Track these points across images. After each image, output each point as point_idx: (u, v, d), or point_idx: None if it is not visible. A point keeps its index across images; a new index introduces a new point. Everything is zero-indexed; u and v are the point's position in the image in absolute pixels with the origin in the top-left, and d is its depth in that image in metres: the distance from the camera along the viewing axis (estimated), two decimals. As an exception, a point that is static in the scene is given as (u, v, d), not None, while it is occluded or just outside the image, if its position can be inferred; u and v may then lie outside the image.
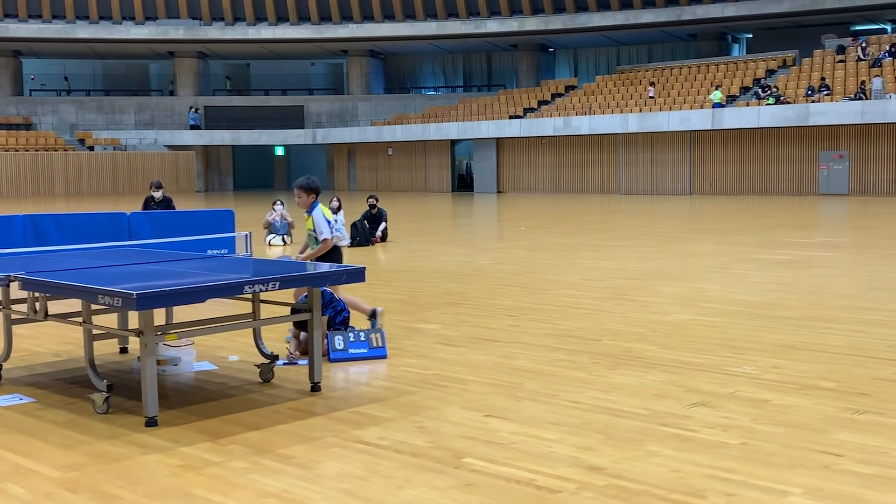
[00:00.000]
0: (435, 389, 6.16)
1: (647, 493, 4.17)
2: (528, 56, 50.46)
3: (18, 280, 5.83)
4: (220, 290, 5.78)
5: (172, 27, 49.37)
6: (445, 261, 14.23)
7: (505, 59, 52.95)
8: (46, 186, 43.08)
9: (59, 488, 4.38)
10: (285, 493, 4.26)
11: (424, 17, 49.13)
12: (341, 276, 6.35)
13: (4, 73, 50.02)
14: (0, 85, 49.98)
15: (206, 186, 50.72)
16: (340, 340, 7.18)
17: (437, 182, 46.39)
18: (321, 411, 5.71)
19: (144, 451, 4.94)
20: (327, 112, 52.12)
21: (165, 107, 51.82)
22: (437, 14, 48.92)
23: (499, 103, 46.48)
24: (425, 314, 9.27)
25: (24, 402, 6.01)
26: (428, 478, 4.41)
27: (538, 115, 43.51)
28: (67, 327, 7.92)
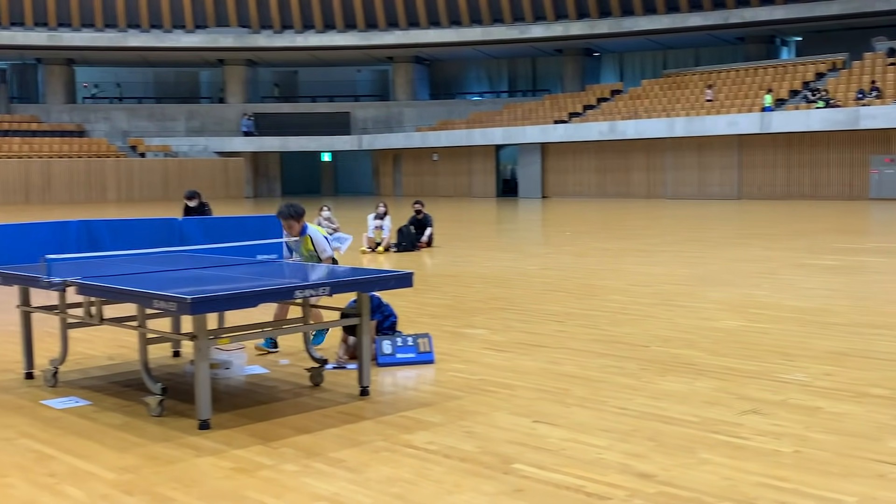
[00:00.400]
0: (482, 395, 6.18)
1: (699, 500, 4.15)
2: (573, 60, 50.30)
3: (75, 285, 5.95)
4: (271, 295, 5.85)
5: (222, 35, 50.00)
6: (491, 266, 14.24)
7: (550, 64, 52.83)
8: (99, 192, 43.82)
9: (115, 490, 4.46)
10: (336, 496, 4.30)
11: (470, 22, 49.21)
12: (389, 282, 6.39)
13: (58, 81, 50.98)
14: (54, 93, 50.94)
15: (255, 192, 51.26)
16: (388, 345, 7.23)
17: (482, 187, 46.40)
18: (370, 415, 5.75)
19: (198, 453, 5.02)
20: (373, 118, 52.41)
21: (215, 114, 52.49)
22: (483, 20, 48.97)
23: (544, 108, 46.38)
24: (472, 319, 9.29)
25: (80, 404, 6.13)
26: (477, 483, 4.43)
27: (583, 119, 43.35)
28: (120, 331, 8.05)
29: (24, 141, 45.30)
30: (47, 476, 4.68)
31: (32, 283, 6.35)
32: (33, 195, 42.13)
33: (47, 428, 5.58)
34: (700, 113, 39.13)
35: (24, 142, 45.16)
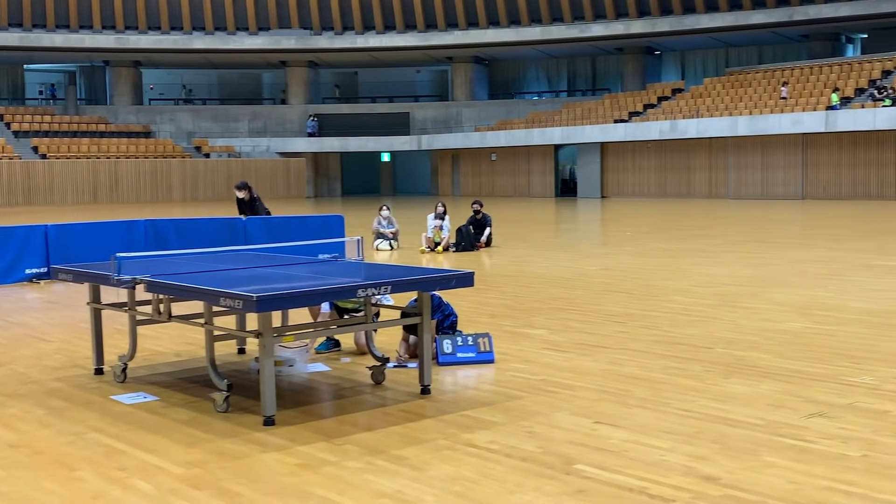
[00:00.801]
0: (543, 395, 6.18)
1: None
2: (633, 59, 49.87)
3: (144, 283, 6.08)
4: (335, 293, 5.92)
5: (284, 37, 50.59)
6: (550, 266, 14.19)
7: (610, 63, 52.45)
8: (165, 192, 44.64)
9: (183, 484, 4.55)
10: (399, 493, 4.34)
11: (529, 22, 49.08)
12: (451, 281, 6.41)
13: (125, 83, 52.04)
14: (121, 94, 52.02)
15: (316, 192, 51.77)
16: (449, 344, 7.25)
17: (541, 187, 46.26)
18: (431, 414, 5.78)
19: (263, 449, 5.10)
20: (432, 118, 52.58)
21: (277, 115, 53.13)
22: (542, 19, 48.81)
23: (603, 107, 46.07)
24: (531, 319, 9.28)
25: (148, 400, 6.27)
26: (539, 483, 4.43)
27: (644, 118, 42.96)
28: (187, 328, 8.21)
29: (93, 141, 46.33)
30: (117, 470, 4.79)
31: (103, 280, 6.50)
32: (101, 195, 43.09)
33: (117, 423, 5.71)
34: (764, 111, 38.52)
35: (92, 142, 46.20)
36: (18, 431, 5.55)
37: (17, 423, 5.72)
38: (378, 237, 17.91)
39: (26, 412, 5.99)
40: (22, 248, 12.96)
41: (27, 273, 12.98)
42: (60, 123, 47.66)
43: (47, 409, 6.05)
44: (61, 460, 4.97)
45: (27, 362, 7.58)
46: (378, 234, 17.94)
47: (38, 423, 5.72)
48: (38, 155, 44.02)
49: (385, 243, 17.76)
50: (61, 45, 48.31)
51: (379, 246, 17.66)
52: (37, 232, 13.21)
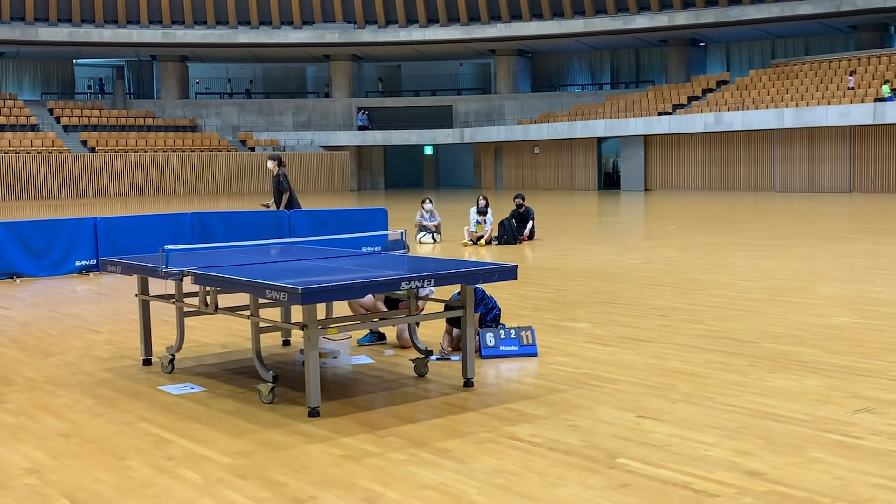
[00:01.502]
0: (586, 388, 6.17)
1: (811, 500, 4.07)
2: (677, 51, 49.40)
3: (191, 275, 6.17)
4: (378, 286, 5.96)
5: (328, 31, 50.85)
6: (593, 259, 14.14)
7: (654, 55, 52.02)
8: (210, 185, 45.12)
9: (230, 474, 4.62)
10: (442, 485, 4.37)
11: (572, 14, 48.83)
12: (494, 274, 6.42)
13: (172, 77, 52.66)
14: (168, 88, 52.66)
15: (359, 186, 52.00)
16: (492, 337, 7.27)
17: (584, 180, 46.03)
18: (474, 407, 5.80)
19: (308, 440, 5.15)
20: (475, 111, 52.54)
21: (321, 108, 53.44)
22: (585, 11, 48.53)
23: (647, 100, 45.71)
24: (574, 313, 9.25)
25: (195, 390, 6.36)
26: (582, 477, 4.43)
27: (688, 111, 42.55)
28: (233, 319, 8.32)
29: (140, 135, 46.96)
30: (165, 459, 4.87)
31: (151, 272, 6.61)
32: (148, 188, 43.66)
33: (164, 413, 5.80)
34: (811, 104, 37.96)
35: (140, 136, 46.83)
36: (69, 421, 5.67)
37: (68, 413, 5.84)
38: (421, 230, 17.96)
39: (77, 402, 6.11)
40: (72, 240, 13.21)
41: (77, 265, 13.22)
42: (109, 117, 48.36)
43: (97, 399, 6.17)
44: (111, 449, 5.07)
45: (77, 353, 7.73)
46: (421, 227, 17.99)
47: (89, 413, 5.83)
48: (87, 148, 44.72)
49: (428, 236, 17.81)
50: (109, 39, 48.99)
51: (422, 239, 17.71)
52: (86, 225, 13.44)
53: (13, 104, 46.68)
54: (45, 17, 48.04)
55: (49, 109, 48.14)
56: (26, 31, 47.18)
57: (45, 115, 47.29)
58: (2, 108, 45.77)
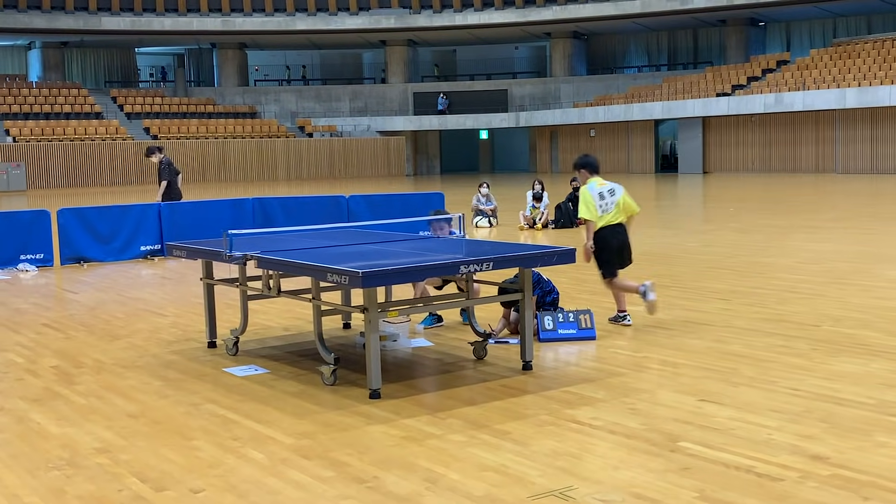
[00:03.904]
0: (646, 372, 6.15)
1: (875, 484, 4.03)
2: (736, 31, 48.54)
3: (255, 259, 6.27)
4: (437, 269, 6.01)
5: (384, 16, 50.97)
6: (651, 243, 14.02)
7: (712, 35, 51.17)
8: (270, 171, 45.61)
9: (294, 454, 4.71)
10: (503, 467, 4.40)
11: (629, -5, 48.23)
12: (552, 257, 6.42)
13: (231, 64, 53.27)
14: (228, 76, 53.28)
15: (415, 170, 52.15)
16: (550, 321, 7.28)
17: (640, 163, 45.58)
18: (533, 389, 5.83)
19: (369, 421, 5.23)
20: (530, 95, 52.29)
21: (378, 94, 53.64)
22: (642, -9, 47.90)
23: (705, 81, 45.02)
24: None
25: (259, 372, 6.48)
26: (643, 460, 4.44)
27: (747, 91, 41.83)
28: (294, 303, 8.44)
29: (201, 122, 47.62)
30: (231, 440, 4.98)
31: (215, 257, 6.74)
32: (209, 174, 44.28)
33: (230, 394, 5.93)
34: (874, 83, 37.06)
35: (200, 123, 47.49)
36: (138, 402, 5.82)
37: (137, 394, 6.00)
38: (477, 214, 17.97)
39: (145, 383, 6.27)
40: (137, 225, 13.50)
41: (142, 250, 13.51)
42: (170, 105, 49.12)
43: (164, 381, 6.32)
44: (178, 430, 5.20)
45: (144, 336, 7.92)
46: (477, 211, 18.01)
47: (156, 394, 5.98)
48: (149, 136, 45.46)
49: (484, 220, 17.82)
50: (170, 28, 49.70)
51: (478, 223, 17.73)
52: (151, 210, 13.72)
53: (78, 93, 47.63)
54: (107, 7, 48.86)
55: (112, 97, 49.02)
56: (90, 20, 48.05)
57: (109, 104, 48.17)
58: (67, 97, 46.74)
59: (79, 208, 13.45)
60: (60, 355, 7.23)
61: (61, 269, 12.66)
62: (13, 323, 8.68)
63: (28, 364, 6.93)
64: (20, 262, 12.55)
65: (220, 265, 7.00)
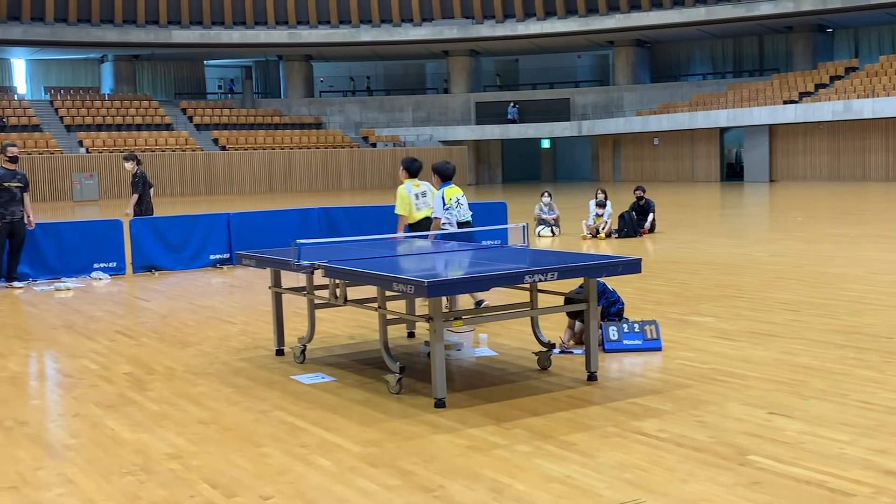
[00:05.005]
0: (713, 384, 6.08)
1: (953, 501, 3.93)
2: (803, 38, 47.72)
3: (323, 268, 6.36)
4: (503, 279, 6.01)
5: (447, 27, 51.22)
6: (717, 252, 13.86)
7: (778, 42, 50.38)
8: (334, 181, 46.09)
9: (361, 462, 4.76)
10: (569, 479, 4.39)
11: (693, 2, 47.76)
12: (618, 268, 6.39)
13: (297, 76, 54.02)
14: (294, 87, 54.04)
15: (477, 180, 52.22)
16: (615, 331, 7.23)
17: (705, 171, 45.03)
18: (599, 401, 5.80)
19: (435, 430, 5.26)
20: (592, 103, 52.02)
21: (440, 104, 53.88)
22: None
23: (771, 88, 44.34)
24: (698, 307, 9.11)
25: (325, 380, 6.55)
26: (712, 473, 4.39)
27: (815, 99, 41.09)
28: (359, 311, 8.52)
29: (268, 133, 48.35)
30: (299, 447, 5.05)
31: (284, 266, 6.84)
32: (276, 184, 44.91)
33: (297, 401, 6.01)
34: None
35: (267, 134, 48.22)
36: (208, 408, 5.93)
37: (207, 401, 6.11)
38: (540, 223, 17.94)
39: (215, 390, 6.39)
40: (206, 235, 13.77)
41: (211, 258, 13.76)
42: (238, 116, 49.97)
43: (234, 388, 6.43)
44: (248, 437, 5.28)
45: (214, 343, 8.06)
46: (540, 221, 17.97)
47: (226, 401, 6.09)
48: (218, 146, 46.31)
49: (547, 229, 17.78)
50: (238, 41, 50.61)
51: (541, 232, 17.69)
52: (220, 220, 13.99)
53: (148, 104, 48.73)
54: (177, 21, 49.94)
55: (182, 109, 50.03)
56: (160, 33, 49.18)
57: (179, 115, 49.17)
58: (138, 109, 47.85)
59: (150, 218, 13.75)
60: (133, 362, 7.40)
61: (133, 278, 12.96)
62: (87, 330, 8.91)
63: (102, 370, 7.11)
64: (94, 270, 12.87)
65: (287, 274, 7.11)
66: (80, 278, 12.65)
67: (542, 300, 6.81)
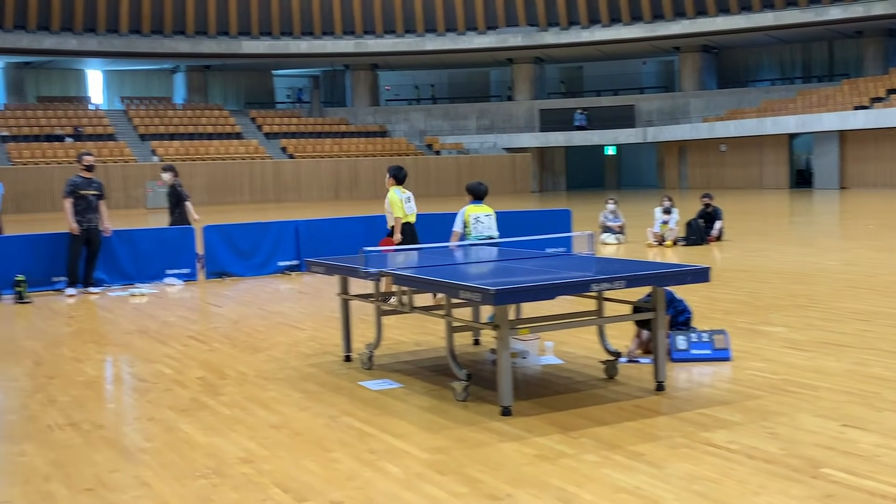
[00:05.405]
0: (784, 395, 6.00)
1: None
2: (874, 42, 46.62)
3: (390, 275, 6.42)
4: (569, 287, 6.00)
5: (512, 35, 51.22)
6: (786, 261, 13.64)
7: (848, 47, 49.30)
8: (399, 188, 46.36)
9: (428, 469, 4.80)
10: (638, 490, 4.38)
11: (761, 7, 47.01)
12: (686, 276, 6.34)
13: (363, 84, 54.53)
14: (359, 96, 54.56)
15: (541, 187, 52.07)
16: (683, 340, 7.17)
17: (773, 178, 44.25)
18: (667, 411, 5.76)
19: (501, 438, 5.28)
20: (658, 110, 51.50)
21: (504, 111, 53.87)
22: (775, 4, 46.61)
23: (842, 94, 43.41)
24: (768, 316, 8.99)
25: (392, 386, 6.62)
26: (784, 486, 4.34)
27: (887, 104, 40.08)
28: (425, 318, 8.57)
29: (335, 142, 48.86)
30: (368, 452, 5.11)
31: (352, 273, 6.93)
32: (342, 191, 45.36)
33: (365, 407, 6.08)
34: None
35: (334, 143, 48.74)
36: (279, 413, 6.03)
37: (278, 406, 6.22)
38: (604, 231, 17.83)
39: (285, 395, 6.49)
40: (276, 242, 13.99)
41: (280, 265, 13.97)
42: (306, 125, 50.62)
43: (303, 393, 6.53)
44: (318, 442, 5.36)
45: (283, 349, 8.19)
46: (604, 228, 17.87)
47: (296, 406, 6.19)
48: (286, 155, 46.94)
49: (612, 237, 17.66)
50: (306, 51, 51.27)
51: (605, 240, 17.59)
52: (288, 227, 14.20)
53: (219, 114, 49.66)
54: (247, 31, 50.79)
55: (251, 118, 50.85)
56: (231, 44, 50.08)
57: (248, 124, 49.97)
58: (209, 118, 48.80)
59: (222, 225, 14.01)
60: (206, 367, 7.55)
61: (205, 284, 13.21)
62: (161, 335, 9.13)
63: (176, 375, 7.28)
64: (166, 276, 13.17)
65: (354, 280, 7.19)
66: (153, 284, 12.94)
67: (608, 308, 6.78)
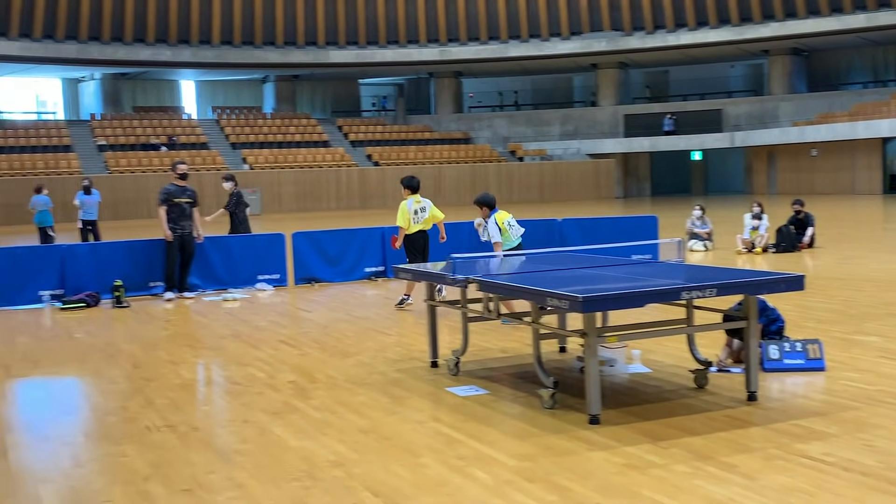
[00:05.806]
0: (882, 406, 5.84)
1: None
2: (978, 41, 44.94)
3: (477, 283, 6.45)
4: (659, 295, 5.94)
5: (595, 40, 50.86)
6: (882, 269, 13.24)
7: (949, 48, 47.64)
8: (482, 195, 46.47)
9: (517, 476, 4.81)
10: (732, 501, 4.31)
11: (852, 9, 45.72)
12: (779, 284, 6.22)
13: (447, 92, 54.85)
14: (443, 103, 54.88)
15: (625, 193, 51.55)
16: (776, 350, 7.04)
17: (867, 183, 42.96)
18: (759, 421, 5.66)
19: (589, 447, 5.25)
20: (746, 114, 50.48)
21: (588, 117, 53.51)
22: (867, 5, 45.29)
23: (942, 96, 41.96)
24: (863, 325, 8.75)
25: (479, 393, 6.64)
26: (883, 500, 4.23)
27: None
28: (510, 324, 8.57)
29: (419, 149, 49.26)
30: (456, 459, 5.14)
31: (439, 280, 6.98)
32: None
33: (452, 413, 6.12)
34: None
35: (418, 150, 49.14)
36: (368, 418, 6.11)
37: (367, 410, 6.30)
38: (692, 238, 17.57)
39: (373, 400, 6.57)
40: (362, 248, 14.17)
41: (366, 271, 14.14)
42: (391, 133, 51.14)
43: (391, 398, 6.60)
44: (406, 446, 5.42)
45: (371, 354, 8.29)
46: (692, 235, 17.61)
47: (384, 411, 6.26)
48: (371, 162, 47.49)
49: (699, 244, 17.39)
50: (391, 59, 51.85)
51: (693, 247, 17.32)
52: (374, 234, 14.38)
53: (307, 122, 50.55)
54: (335, 41, 51.60)
55: (338, 126, 51.60)
56: (319, 54, 50.95)
57: (335, 132, 50.72)
58: (297, 127, 49.72)
59: (311, 232, 14.25)
60: (297, 371, 7.69)
61: (295, 289, 13.45)
62: (253, 339, 9.32)
63: (268, 378, 7.43)
64: (257, 282, 13.45)
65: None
66: (245, 289, 13.23)
67: (697, 317, 6.69)
